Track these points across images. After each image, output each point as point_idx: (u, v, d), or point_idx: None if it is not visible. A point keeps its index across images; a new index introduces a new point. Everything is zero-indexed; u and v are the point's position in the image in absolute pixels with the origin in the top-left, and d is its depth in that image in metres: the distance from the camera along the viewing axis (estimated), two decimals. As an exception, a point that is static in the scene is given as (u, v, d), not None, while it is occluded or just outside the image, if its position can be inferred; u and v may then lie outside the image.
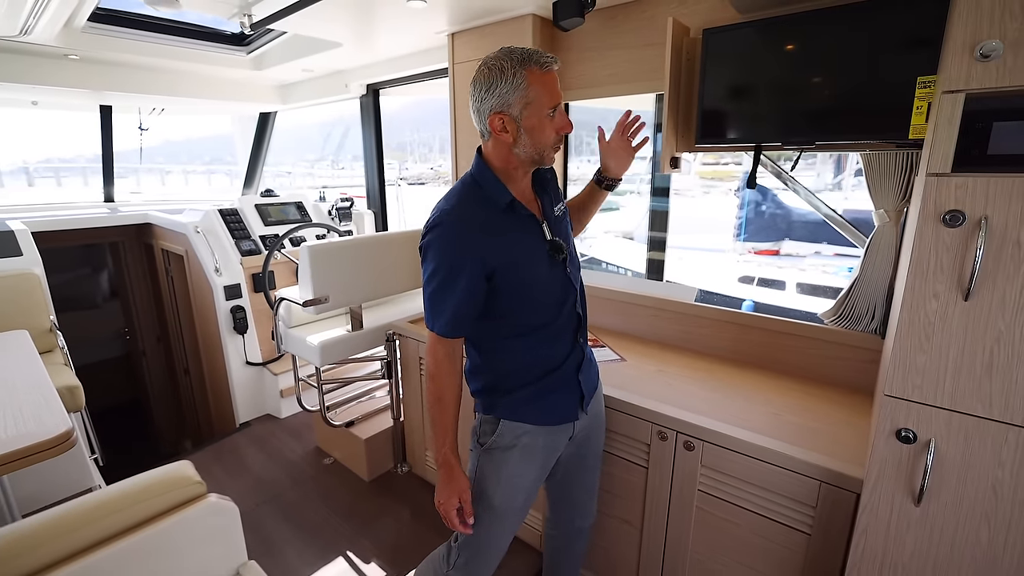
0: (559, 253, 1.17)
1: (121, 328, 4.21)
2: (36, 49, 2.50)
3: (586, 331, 1.32)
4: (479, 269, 1.08)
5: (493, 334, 1.20)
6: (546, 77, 1.06)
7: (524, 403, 1.22)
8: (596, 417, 1.39)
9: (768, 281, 6.32)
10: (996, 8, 0.78)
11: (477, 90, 1.09)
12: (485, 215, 1.11)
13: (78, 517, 0.78)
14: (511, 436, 1.22)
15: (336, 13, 1.97)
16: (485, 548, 1.29)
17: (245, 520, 2.13)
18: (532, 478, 1.26)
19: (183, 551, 0.89)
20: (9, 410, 1.32)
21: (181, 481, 0.90)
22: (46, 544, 0.74)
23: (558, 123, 1.10)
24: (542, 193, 1.23)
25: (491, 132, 1.10)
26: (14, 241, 2.54)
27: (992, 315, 0.85)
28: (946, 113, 0.84)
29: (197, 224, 2.99)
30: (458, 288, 1.08)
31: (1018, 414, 0.85)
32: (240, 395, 3.03)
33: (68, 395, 2.10)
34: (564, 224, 1.26)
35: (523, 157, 1.11)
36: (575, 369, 1.26)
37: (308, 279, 2.01)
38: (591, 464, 1.42)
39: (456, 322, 1.12)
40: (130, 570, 0.81)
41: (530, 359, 1.21)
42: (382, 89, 3.19)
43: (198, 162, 11.99)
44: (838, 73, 1.32)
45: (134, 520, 0.82)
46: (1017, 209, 0.81)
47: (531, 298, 1.17)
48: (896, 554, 1.02)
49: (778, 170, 1.69)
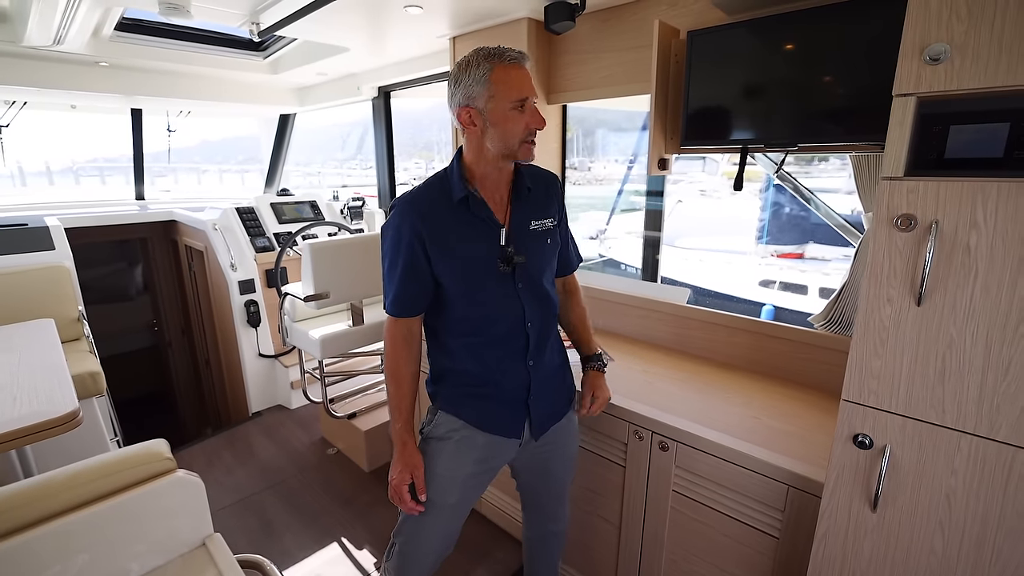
0: (507, 264, 1.13)
1: (150, 320, 4.43)
2: (69, 57, 2.67)
3: (547, 356, 1.26)
4: (420, 250, 1.10)
5: (436, 326, 1.22)
6: (511, 70, 1.06)
7: (462, 399, 1.21)
8: (564, 427, 1.33)
9: (789, 285, 6.17)
10: (944, 10, 0.77)
11: (449, 86, 1.11)
12: (438, 206, 1.12)
13: (57, 484, 0.86)
14: (446, 428, 1.21)
15: (339, 19, 2.04)
16: (416, 536, 1.25)
17: (247, 504, 2.27)
18: (468, 474, 1.22)
19: (152, 519, 0.97)
20: (26, 389, 1.43)
21: (154, 456, 0.98)
22: (25, 506, 0.82)
23: (528, 118, 1.08)
24: (519, 202, 1.20)
25: (462, 126, 1.11)
26: (48, 236, 2.72)
27: (944, 321, 0.84)
28: (897, 117, 0.84)
29: (215, 222, 3.14)
30: (402, 267, 1.12)
31: (970, 421, 0.84)
32: (253, 386, 3.16)
33: (90, 380, 2.24)
34: (540, 239, 1.21)
35: (494, 151, 1.11)
36: (522, 391, 1.21)
37: (310, 275, 2.10)
38: (558, 473, 1.38)
39: (399, 302, 1.14)
40: (103, 534, 0.90)
41: (466, 362, 1.20)
42: (393, 91, 3.28)
43: (232, 161, 12.44)
44: (824, 74, 1.31)
45: (109, 488, 0.90)
46: (967, 214, 0.80)
47: (466, 300, 1.16)
48: (854, 561, 1.01)
49: (782, 173, 1.66)
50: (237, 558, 1.01)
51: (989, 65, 0.75)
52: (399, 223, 1.12)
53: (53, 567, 0.86)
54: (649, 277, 2.25)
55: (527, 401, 1.22)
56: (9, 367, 1.57)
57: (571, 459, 1.41)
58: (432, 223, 1.11)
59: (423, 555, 1.26)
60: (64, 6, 1.91)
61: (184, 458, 2.70)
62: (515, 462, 1.34)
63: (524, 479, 1.41)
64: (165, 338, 4.33)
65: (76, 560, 0.89)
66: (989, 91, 0.76)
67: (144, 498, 0.94)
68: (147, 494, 0.94)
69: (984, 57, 0.75)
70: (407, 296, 1.15)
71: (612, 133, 7.05)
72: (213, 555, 1.00)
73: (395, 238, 1.13)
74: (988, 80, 0.75)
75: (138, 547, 0.96)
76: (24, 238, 2.65)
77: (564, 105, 2.19)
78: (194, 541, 1.04)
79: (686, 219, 8.03)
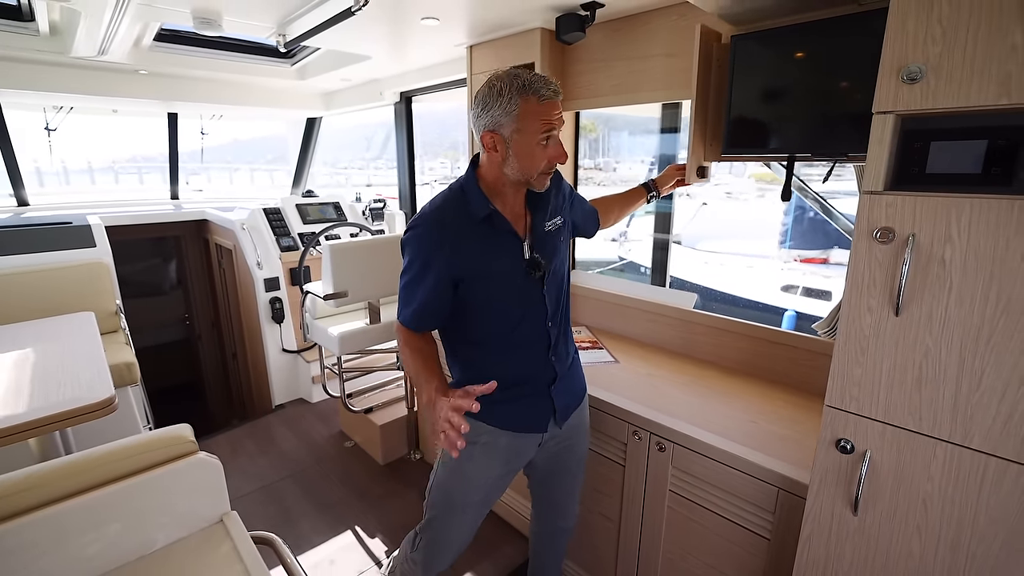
0: (536, 271, 1.18)
1: (182, 315, 4.65)
2: (112, 66, 2.85)
3: (565, 348, 1.32)
4: (446, 272, 1.13)
5: (458, 337, 1.27)
6: (541, 107, 1.06)
7: (486, 404, 1.24)
8: (578, 426, 1.40)
9: (812, 291, 6.05)
10: (920, 32, 0.80)
11: (475, 106, 1.12)
12: (461, 223, 1.14)
13: (93, 461, 0.97)
14: (472, 433, 1.24)
15: (361, 30, 2.13)
16: (443, 534, 1.35)
17: (268, 491, 2.39)
18: (493, 475, 1.29)
19: (175, 495, 1.08)
20: (68, 377, 1.56)
21: (178, 439, 1.08)
22: (65, 479, 0.93)
23: (551, 152, 1.10)
24: (534, 209, 1.23)
25: (484, 148, 1.14)
26: (90, 234, 2.91)
27: (920, 331, 0.87)
28: (877, 134, 0.87)
29: (243, 221, 3.29)
30: (426, 286, 1.15)
31: (945, 429, 0.86)
32: (276, 379, 3.31)
33: (126, 370, 2.40)
34: (555, 238, 1.26)
35: (511, 177, 1.13)
36: (546, 385, 1.27)
37: (329, 274, 2.20)
38: (572, 469, 1.44)
39: (419, 316, 1.19)
40: (132, 506, 1.01)
41: (490, 368, 1.23)
42: (414, 96, 3.37)
43: (261, 160, 12.81)
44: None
45: (138, 466, 1.01)
46: (942, 228, 0.82)
47: (495, 311, 1.20)
48: (837, 563, 1.04)
49: (800, 183, 1.62)
50: (251, 535, 1.10)
51: (962, 85, 0.78)
52: (428, 243, 1.14)
53: (89, 534, 0.97)
54: (659, 279, 2.28)
55: (551, 393, 1.28)
56: (55, 356, 1.71)
57: (583, 458, 1.47)
58: (458, 244, 1.13)
59: (447, 548, 1.37)
60: (108, 20, 2.06)
61: (210, 447, 2.84)
62: (534, 459, 1.39)
63: (539, 476, 1.46)
64: (196, 331, 4.54)
65: (109, 529, 1.00)
66: (963, 110, 0.79)
67: (168, 476, 1.04)
68: (171, 472, 1.05)
69: (957, 78, 0.78)
70: (428, 312, 1.18)
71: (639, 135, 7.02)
72: (229, 530, 1.10)
73: (419, 257, 1.15)
74: (962, 100, 0.78)
75: (163, 520, 1.07)
76: (69, 236, 2.84)
77: (577, 112, 2.25)
78: (213, 517, 1.14)
79: (711, 222, 7.94)
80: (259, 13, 1.95)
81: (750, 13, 1.43)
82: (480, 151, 1.18)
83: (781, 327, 1.73)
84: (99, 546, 1.02)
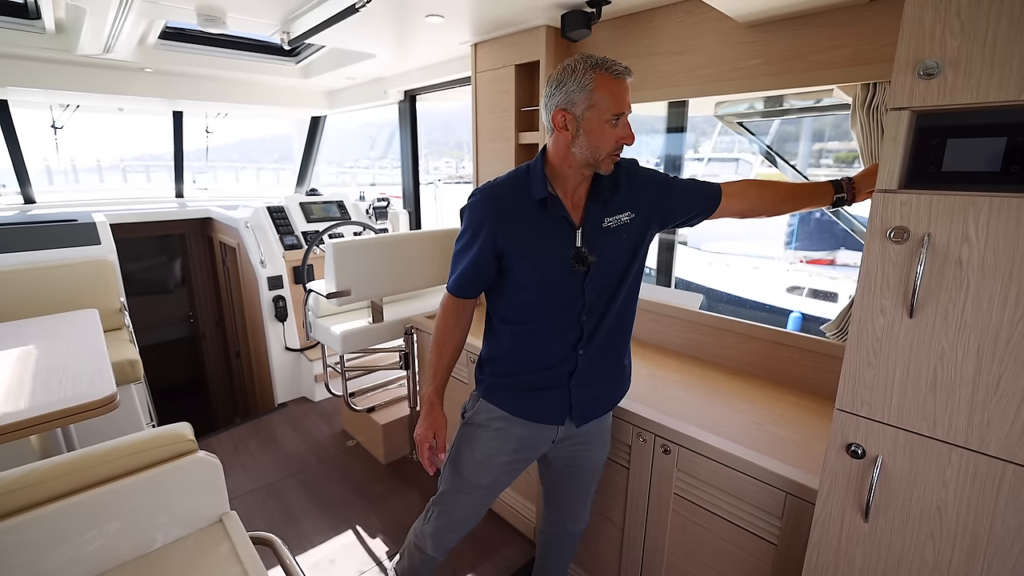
0: (581, 264, 1.15)
1: (186, 312, 4.66)
2: (118, 64, 2.86)
3: (603, 349, 1.27)
4: (491, 244, 1.16)
5: (495, 309, 1.28)
6: (614, 84, 1.06)
7: (502, 389, 1.28)
8: (597, 432, 1.38)
9: (819, 292, 6.01)
10: (937, 26, 0.78)
11: (549, 86, 1.12)
12: (518, 201, 1.16)
13: (93, 458, 0.96)
14: (486, 415, 1.29)
15: (365, 28, 2.12)
16: (452, 508, 1.39)
17: (269, 489, 2.38)
18: (503, 461, 1.31)
19: (174, 495, 1.07)
20: (71, 374, 1.56)
21: (178, 438, 1.08)
22: (66, 476, 0.92)
23: (620, 132, 1.10)
24: (595, 201, 1.20)
25: (553, 127, 1.13)
26: (95, 232, 2.91)
27: (936, 333, 0.84)
28: (891, 131, 0.85)
29: (247, 220, 3.29)
30: (471, 255, 1.19)
31: (960, 434, 0.84)
32: (279, 378, 3.30)
33: (129, 367, 2.39)
34: (613, 235, 1.20)
35: (579, 158, 1.12)
36: (566, 375, 1.25)
37: (332, 273, 2.19)
38: (587, 474, 1.43)
39: (461, 283, 1.23)
40: (131, 505, 1.00)
41: (516, 348, 1.25)
42: (419, 95, 3.36)
43: (267, 159, 12.86)
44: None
45: (137, 465, 1.00)
46: (959, 228, 0.80)
47: (532, 293, 1.20)
48: (847, 569, 1.01)
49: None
50: (250, 535, 1.09)
51: (981, 80, 0.75)
52: (480, 214, 1.18)
53: (89, 532, 0.97)
54: (664, 280, 2.26)
55: (570, 386, 1.26)
56: (58, 352, 1.70)
57: (599, 467, 1.45)
58: (510, 219, 1.16)
59: (456, 524, 1.41)
60: (113, 18, 2.06)
61: (213, 445, 2.84)
62: (549, 455, 1.39)
63: (553, 475, 1.45)
64: (200, 329, 4.55)
65: (108, 527, 0.99)
66: (981, 106, 0.77)
67: (168, 475, 1.04)
68: (170, 471, 1.04)
69: (976, 72, 0.75)
70: (468, 280, 1.22)
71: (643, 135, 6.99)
72: (228, 531, 1.09)
73: (472, 227, 1.19)
74: (980, 95, 0.76)
75: (162, 519, 1.06)
76: (74, 233, 2.85)
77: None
78: (212, 517, 1.13)
79: (716, 222, 7.87)
80: (263, 10, 1.94)
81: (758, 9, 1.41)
82: (547, 136, 1.18)
83: (786, 329, 1.71)
84: (98, 544, 1.02)
